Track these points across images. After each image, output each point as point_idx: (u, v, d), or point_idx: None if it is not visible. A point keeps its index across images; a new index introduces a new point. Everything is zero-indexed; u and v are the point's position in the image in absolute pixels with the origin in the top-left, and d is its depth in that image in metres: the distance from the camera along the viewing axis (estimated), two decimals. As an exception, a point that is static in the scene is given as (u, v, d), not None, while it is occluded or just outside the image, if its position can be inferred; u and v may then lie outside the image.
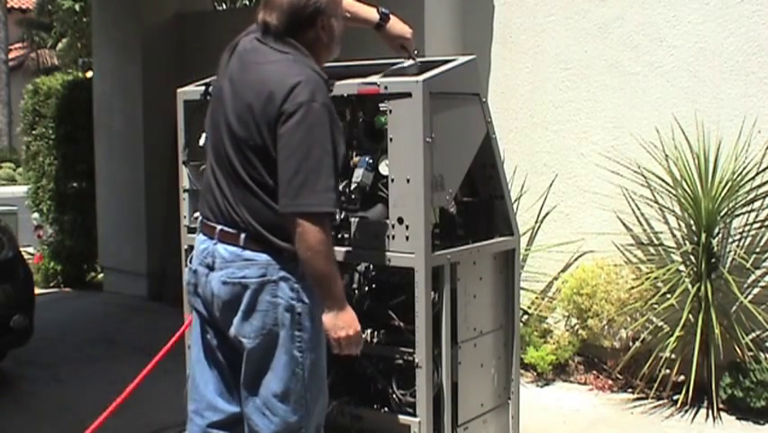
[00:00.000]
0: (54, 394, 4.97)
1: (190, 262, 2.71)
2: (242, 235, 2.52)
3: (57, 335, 6.18)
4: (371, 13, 2.98)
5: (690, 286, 4.63)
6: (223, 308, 2.57)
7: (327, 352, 2.62)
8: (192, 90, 3.36)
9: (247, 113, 2.48)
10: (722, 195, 4.58)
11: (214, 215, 2.61)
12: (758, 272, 4.64)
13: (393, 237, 2.84)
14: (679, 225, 4.87)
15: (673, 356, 4.63)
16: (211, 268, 2.58)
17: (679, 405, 4.59)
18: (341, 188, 3.00)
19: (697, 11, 4.77)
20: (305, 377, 2.54)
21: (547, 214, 5.31)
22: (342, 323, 2.50)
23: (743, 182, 4.58)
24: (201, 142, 3.25)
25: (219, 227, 2.58)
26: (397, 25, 2.99)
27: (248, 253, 2.51)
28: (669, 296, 4.62)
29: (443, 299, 2.91)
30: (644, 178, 4.91)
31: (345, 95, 2.95)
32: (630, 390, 4.86)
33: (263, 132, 2.45)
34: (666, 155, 4.81)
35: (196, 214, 3.35)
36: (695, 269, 4.67)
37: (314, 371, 2.57)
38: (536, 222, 5.33)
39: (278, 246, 2.50)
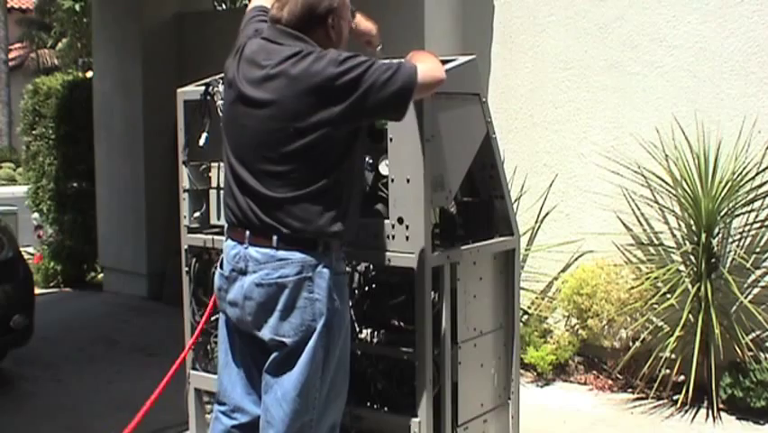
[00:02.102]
0: (54, 394, 4.97)
1: (220, 267, 2.72)
2: (275, 237, 2.53)
3: (57, 335, 6.18)
4: None
5: (690, 286, 4.64)
6: (256, 310, 2.58)
7: None
8: (192, 90, 3.36)
9: (283, 107, 2.49)
10: (722, 195, 4.58)
11: (239, 219, 2.62)
12: (758, 272, 4.64)
13: (393, 237, 2.84)
14: (679, 225, 4.87)
15: (673, 356, 4.63)
16: (243, 272, 2.59)
17: (679, 405, 4.59)
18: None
19: (697, 11, 4.77)
20: (330, 374, 2.59)
21: (547, 214, 5.31)
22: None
23: (743, 182, 4.58)
24: (201, 142, 3.25)
25: (248, 231, 2.59)
26: (362, 23, 3.02)
27: (282, 253, 2.53)
28: (669, 296, 4.62)
29: (443, 299, 2.91)
30: (644, 178, 4.91)
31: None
32: (630, 390, 4.86)
33: (312, 112, 2.46)
34: (666, 155, 4.81)
35: (197, 214, 3.37)
36: (695, 269, 4.67)
37: (339, 368, 2.63)
38: (536, 222, 5.33)
39: (313, 242, 2.53)
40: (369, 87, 2.46)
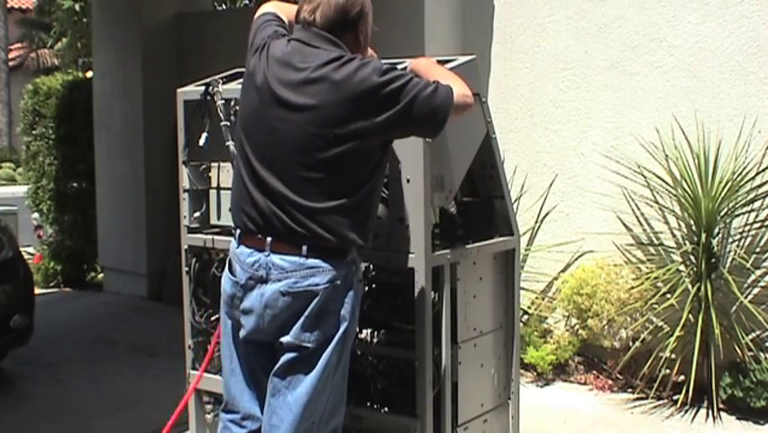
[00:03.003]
0: (54, 394, 4.97)
1: (233, 274, 2.63)
2: (305, 246, 2.49)
3: (57, 335, 6.18)
4: None
5: (690, 286, 4.64)
6: (278, 317, 2.52)
7: None
8: (192, 90, 3.36)
9: (323, 112, 2.45)
10: (722, 195, 4.58)
11: (259, 226, 2.54)
12: (758, 272, 4.64)
13: (393, 237, 2.84)
14: (679, 225, 4.87)
15: (673, 356, 4.63)
16: (264, 280, 2.53)
17: (679, 405, 4.59)
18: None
19: (697, 11, 4.77)
20: (337, 377, 2.58)
21: (547, 214, 5.31)
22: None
23: (743, 182, 4.58)
24: (201, 142, 3.25)
25: (269, 238, 2.52)
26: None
27: (312, 261, 2.49)
28: (669, 296, 4.62)
29: (443, 299, 2.91)
30: (644, 178, 4.91)
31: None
32: (630, 390, 4.86)
33: (352, 119, 2.44)
34: (666, 155, 4.81)
35: (197, 214, 3.37)
36: (695, 269, 4.67)
37: (344, 371, 2.63)
38: (536, 222, 5.33)
39: (342, 251, 2.52)
40: (411, 101, 2.44)
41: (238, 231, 2.64)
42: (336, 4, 2.56)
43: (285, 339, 2.52)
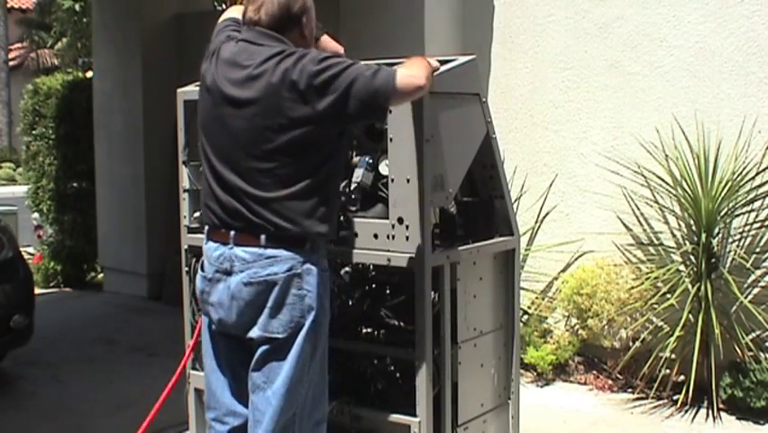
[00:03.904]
0: (54, 394, 4.97)
1: (202, 270, 2.73)
2: (263, 236, 2.55)
3: (57, 335, 6.18)
4: None
5: (690, 286, 4.64)
6: (244, 309, 2.59)
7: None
8: (192, 90, 3.36)
9: (267, 104, 2.52)
10: (722, 195, 4.58)
11: (223, 220, 2.63)
12: (758, 272, 4.64)
13: (393, 237, 2.84)
14: (679, 225, 4.87)
15: (673, 356, 4.63)
16: (229, 272, 2.60)
17: (679, 405, 4.59)
18: (341, 188, 3.01)
19: (697, 11, 4.77)
20: (315, 368, 2.61)
21: (547, 214, 5.32)
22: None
23: (743, 182, 4.58)
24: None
25: (233, 232, 2.60)
26: (330, 44, 3.04)
27: (270, 251, 2.55)
28: (669, 296, 4.62)
29: (443, 299, 2.91)
30: (644, 178, 4.91)
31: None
32: (630, 390, 4.86)
33: (294, 108, 2.50)
34: (666, 155, 4.81)
35: (197, 214, 3.37)
36: (695, 269, 4.67)
37: (323, 363, 2.65)
38: (536, 222, 5.33)
39: (301, 239, 2.56)
40: (349, 85, 2.50)
41: (206, 227, 2.73)
42: (279, 1, 2.64)
43: (254, 333, 2.58)
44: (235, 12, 2.93)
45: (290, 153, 2.53)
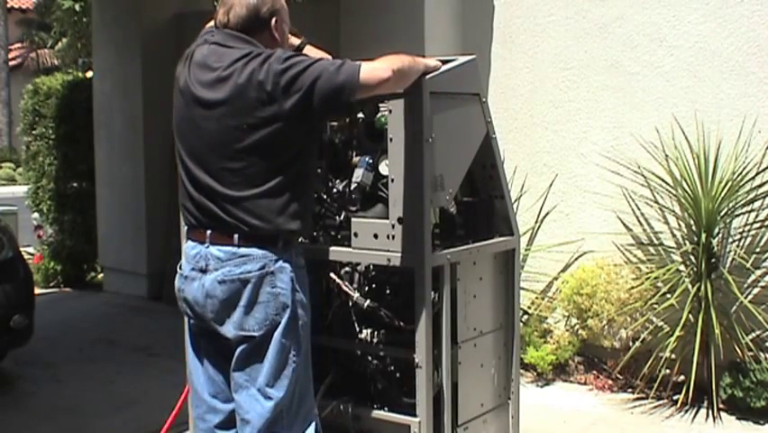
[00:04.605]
0: (54, 394, 4.97)
1: (180, 268, 2.76)
2: (236, 235, 2.58)
3: (57, 335, 6.18)
4: (292, 41, 3.05)
5: (690, 286, 4.64)
6: (219, 307, 2.61)
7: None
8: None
9: (236, 105, 2.55)
10: (722, 195, 4.58)
11: (198, 220, 2.67)
12: (758, 272, 4.64)
13: (393, 237, 2.84)
14: (679, 225, 4.88)
15: (673, 356, 4.63)
16: (204, 270, 2.63)
17: (679, 405, 4.59)
18: (341, 188, 3.01)
19: (697, 11, 4.77)
20: (298, 365, 2.61)
21: (547, 214, 5.32)
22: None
23: (743, 182, 4.58)
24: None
25: (209, 231, 2.63)
26: (315, 53, 3.03)
27: (243, 250, 2.58)
28: (669, 296, 4.62)
29: (443, 299, 2.91)
30: (644, 178, 4.91)
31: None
32: (630, 390, 4.86)
33: (262, 108, 2.52)
34: (666, 155, 4.81)
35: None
36: (695, 269, 4.67)
37: (306, 359, 2.66)
38: (536, 222, 5.33)
39: (274, 237, 2.58)
40: (314, 81, 2.51)
41: (185, 227, 2.76)
42: (248, 3, 2.68)
43: (230, 333, 2.60)
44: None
45: (260, 153, 2.55)
